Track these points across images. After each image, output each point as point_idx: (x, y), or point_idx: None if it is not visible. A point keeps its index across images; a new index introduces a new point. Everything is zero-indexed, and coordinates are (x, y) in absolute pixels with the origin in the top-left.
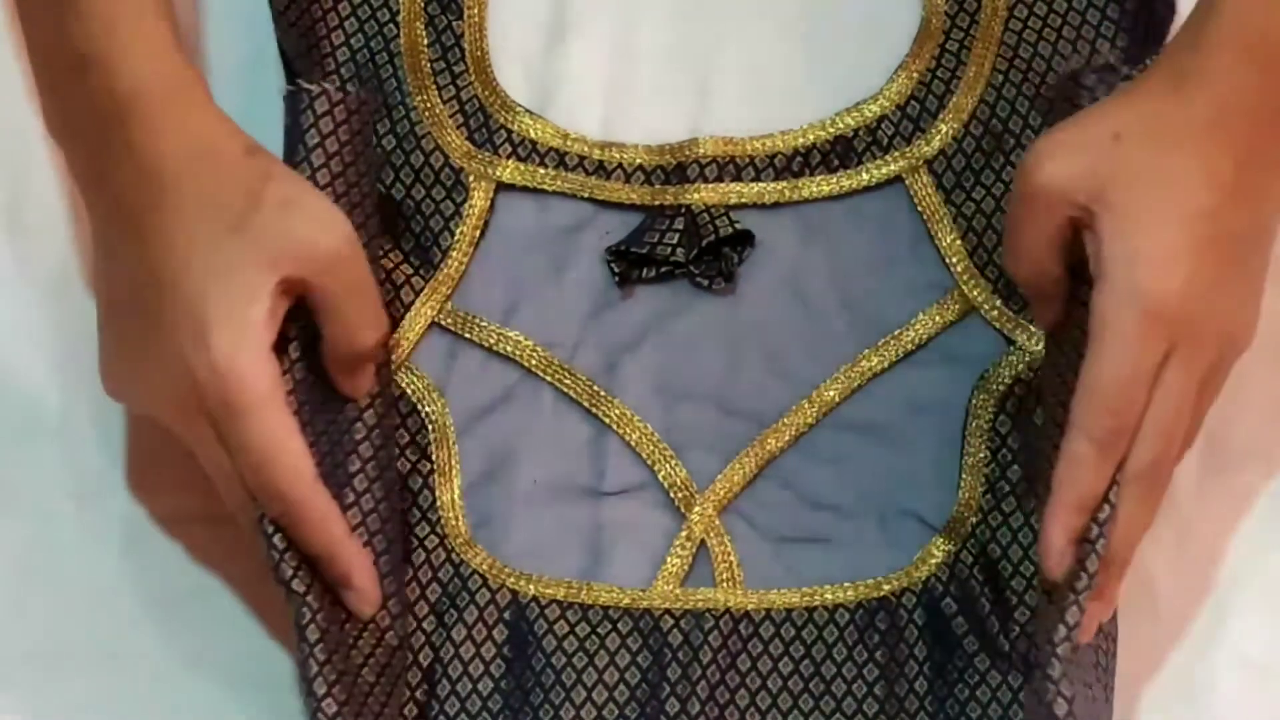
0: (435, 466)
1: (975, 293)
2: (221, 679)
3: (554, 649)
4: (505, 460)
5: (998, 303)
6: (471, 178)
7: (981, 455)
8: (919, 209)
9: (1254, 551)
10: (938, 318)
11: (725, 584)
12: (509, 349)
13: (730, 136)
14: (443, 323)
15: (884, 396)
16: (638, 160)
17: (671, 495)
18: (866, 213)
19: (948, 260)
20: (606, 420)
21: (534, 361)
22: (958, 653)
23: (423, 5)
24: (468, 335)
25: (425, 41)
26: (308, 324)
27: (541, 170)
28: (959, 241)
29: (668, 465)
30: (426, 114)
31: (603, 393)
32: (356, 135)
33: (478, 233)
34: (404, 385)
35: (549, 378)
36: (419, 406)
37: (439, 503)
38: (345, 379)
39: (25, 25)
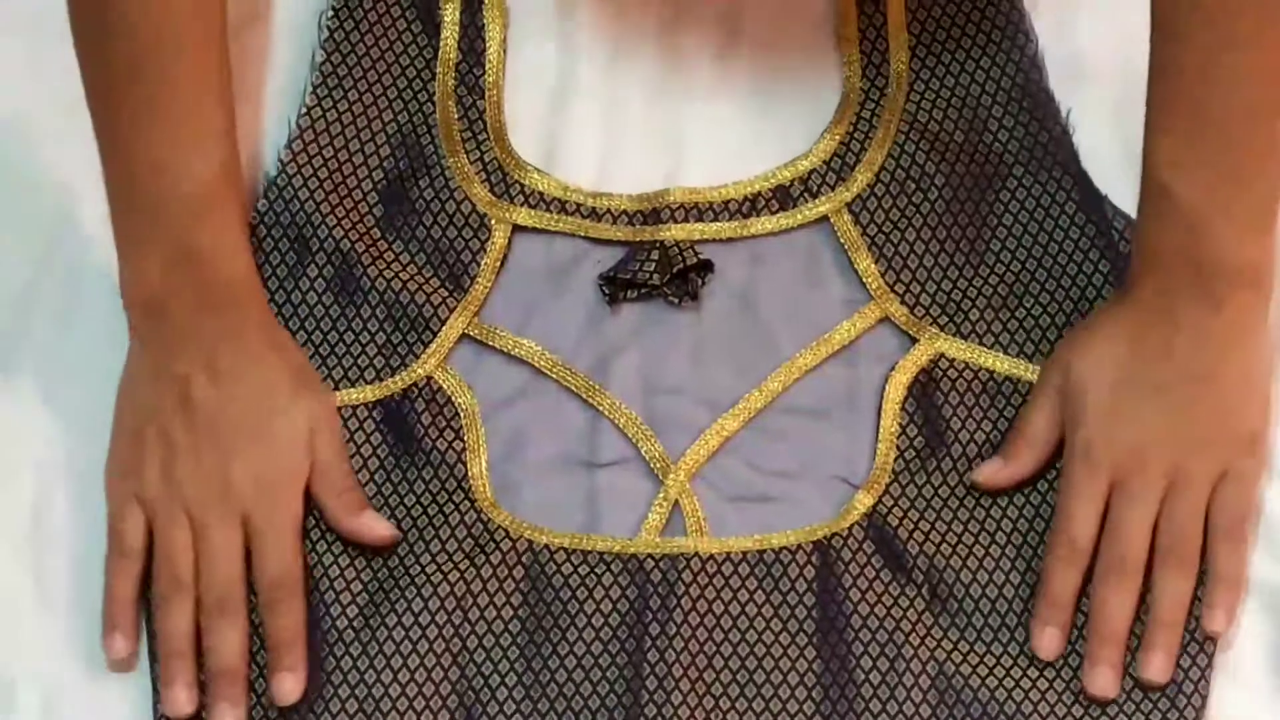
0: (466, 445)
1: (887, 304)
2: None
3: (561, 585)
4: (520, 441)
5: (905, 311)
6: (493, 221)
7: (894, 429)
8: (841, 241)
9: None
10: (858, 324)
11: (695, 534)
12: (523, 354)
13: (695, 187)
14: (471, 333)
15: (817, 386)
16: (623, 206)
17: (651, 466)
18: (801, 245)
19: (864, 280)
20: (600, 409)
21: (542, 363)
22: (876, 583)
23: (453, 88)
24: (491, 343)
25: (455, 116)
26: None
27: (548, 215)
28: (873, 266)
29: (648, 443)
30: (458, 172)
31: (597, 387)
32: None
33: (498, 264)
34: (441, 381)
35: (554, 376)
36: (453, 397)
37: (470, 473)
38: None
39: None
